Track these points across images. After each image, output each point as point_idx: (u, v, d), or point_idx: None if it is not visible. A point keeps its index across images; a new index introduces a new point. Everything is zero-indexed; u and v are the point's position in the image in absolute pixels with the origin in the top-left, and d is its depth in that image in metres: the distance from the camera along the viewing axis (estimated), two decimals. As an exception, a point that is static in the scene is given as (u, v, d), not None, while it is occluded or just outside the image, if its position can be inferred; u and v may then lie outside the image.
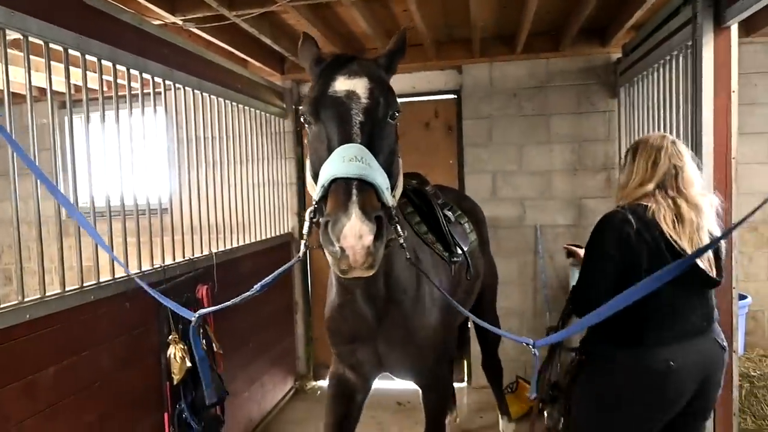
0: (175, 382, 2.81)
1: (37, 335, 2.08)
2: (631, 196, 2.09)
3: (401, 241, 1.71)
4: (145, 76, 2.89)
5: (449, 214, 2.82)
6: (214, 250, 3.47)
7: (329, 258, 1.39)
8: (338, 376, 2.45)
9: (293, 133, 4.99)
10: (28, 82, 2.18)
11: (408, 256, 1.82)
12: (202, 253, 3.42)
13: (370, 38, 4.05)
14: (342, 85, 1.66)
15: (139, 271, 2.78)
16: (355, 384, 2.44)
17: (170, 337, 2.79)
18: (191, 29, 3.55)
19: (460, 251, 2.65)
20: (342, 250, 1.33)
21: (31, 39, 2.16)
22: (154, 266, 2.91)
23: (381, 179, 1.49)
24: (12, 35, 2.09)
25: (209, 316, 3.13)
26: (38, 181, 2.20)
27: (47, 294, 2.18)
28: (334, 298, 2.22)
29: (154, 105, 3.02)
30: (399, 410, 4.40)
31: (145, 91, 2.95)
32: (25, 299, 2.08)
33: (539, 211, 4.60)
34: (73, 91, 2.55)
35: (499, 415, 3.89)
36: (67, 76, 2.38)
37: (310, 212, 1.60)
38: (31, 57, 2.19)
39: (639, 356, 1.98)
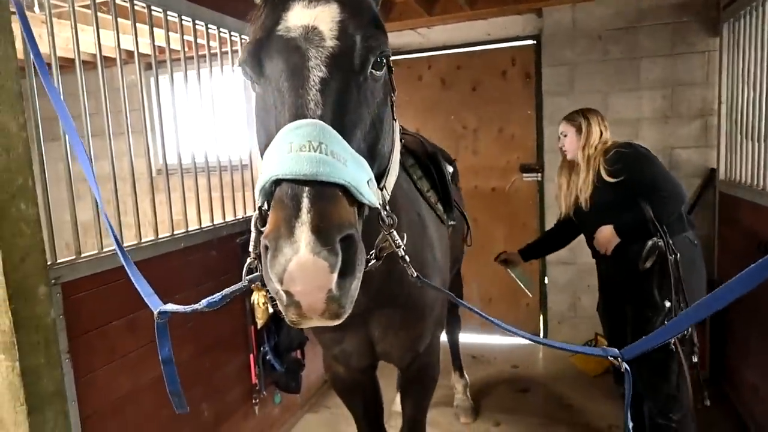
0: (258, 327, 3.00)
1: (135, 279, 2.28)
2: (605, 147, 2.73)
3: (401, 252, 1.20)
4: (223, 31, 2.97)
5: (450, 170, 2.58)
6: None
7: (276, 299, 0.94)
8: (332, 369, 2.18)
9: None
10: (117, 42, 2.32)
11: (414, 275, 1.26)
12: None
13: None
14: (298, 17, 1.10)
15: (223, 221, 2.95)
16: (348, 373, 2.14)
17: (253, 285, 2.96)
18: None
19: (458, 213, 2.39)
20: (288, 294, 0.88)
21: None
22: (237, 217, 3.08)
23: (355, 171, 0.99)
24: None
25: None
26: (130, 140, 2.38)
27: (142, 240, 2.37)
28: None
29: (232, 62, 3.11)
30: (473, 363, 4.45)
31: (223, 49, 3.05)
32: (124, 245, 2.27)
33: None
34: (157, 53, 2.68)
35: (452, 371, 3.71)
36: (152, 34, 2.50)
37: (256, 220, 1.10)
38: (118, 20, 2.32)
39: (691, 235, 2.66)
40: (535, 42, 4.51)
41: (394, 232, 1.19)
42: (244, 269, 1.20)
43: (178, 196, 2.69)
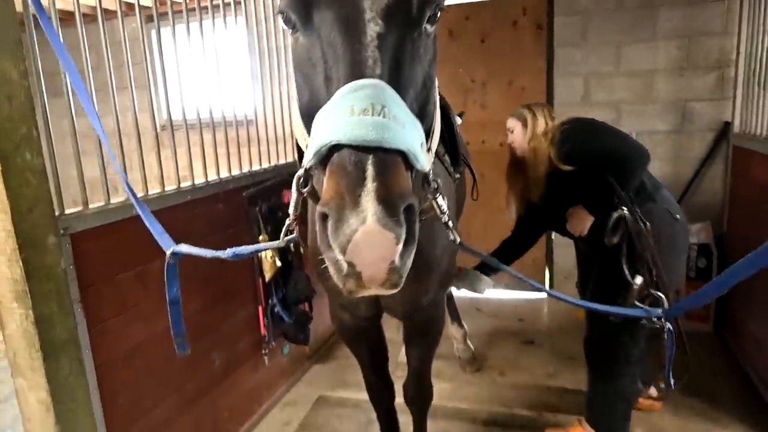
0: (267, 280, 3.06)
1: (144, 229, 2.32)
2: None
3: (445, 219, 1.15)
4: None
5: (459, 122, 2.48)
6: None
7: (329, 267, 0.89)
8: (338, 317, 2.19)
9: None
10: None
11: (454, 238, 1.24)
12: (287, 161, 3.57)
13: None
14: None
15: (229, 175, 2.96)
16: (354, 321, 2.14)
17: (260, 237, 3.01)
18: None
19: (465, 165, 2.31)
20: (350, 264, 0.85)
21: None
22: (243, 172, 3.09)
23: (413, 136, 0.95)
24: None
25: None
26: (134, 95, 2.38)
27: (149, 193, 2.40)
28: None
29: (235, 14, 3.06)
30: (478, 315, 4.52)
31: (226, 1, 2.99)
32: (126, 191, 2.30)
33: (637, 116, 4.24)
34: (158, 5, 2.64)
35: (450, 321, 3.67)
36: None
37: (299, 180, 1.03)
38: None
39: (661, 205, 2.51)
40: (547, -11, 4.35)
41: (439, 197, 1.12)
42: (284, 229, 1.16)
43: (183, 152, 2.70)
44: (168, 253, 1.42)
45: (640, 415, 2.96)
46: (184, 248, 1.42)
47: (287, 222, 1.15)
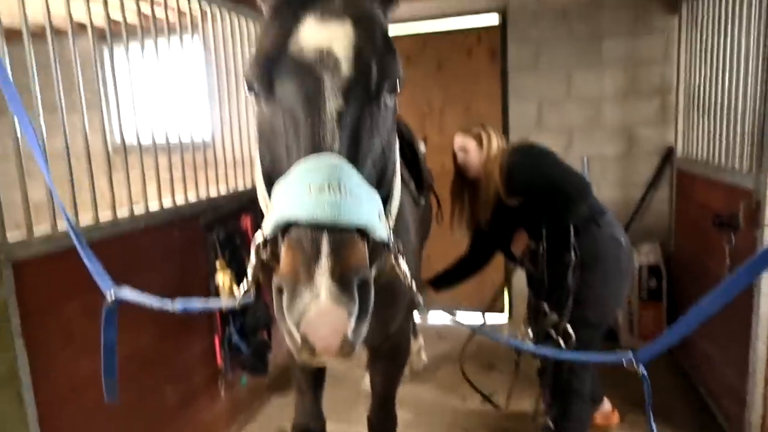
0: (223, 308, 2.95)
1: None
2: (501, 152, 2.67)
3: (408, 281, 1.15)
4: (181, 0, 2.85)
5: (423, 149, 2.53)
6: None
7: (285, 337, 0.93)
8: None
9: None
10: (68, 11, 2.19)
11: (417, 302, 1.23)
12: (245, 185, 3.49)
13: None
14: (311, 35, 1.04)
15: (185, 202, 2.86)
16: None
17: (217, 263, 2.91)
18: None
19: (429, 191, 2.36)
20: (304, 337, 0.89)
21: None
22: (200, 198, 2.99)
23: (370, 209, 0.97)
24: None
25: (251, 241, 3.23)
26: (85, 116, 2.27)
27: (101, 221, 2.28)
28: None
29: (192, 33, 3.00)
30: (439, 341, 4.51)
31: (181, 19, 2.93)
32: (79, 225, 2.18)
33: (587, 141, 4.41)
34: (110, 23, 2.56)
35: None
36: (105, 4, 2.38)
37: (257, 247, 1.05)
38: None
39: (605, 229, 2.53)
40: (500, 18, 4.51)
41: (402, 262, 1.12)
42: (240, 291, 1.14)
43: (137, 175, 2.59)
44: (109, 297, 1.33)
45: (598, 434, 3.00)
46: (127, 294, 1.35)
47: (243, 285, 1.13)
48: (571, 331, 2.41)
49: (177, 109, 2.87)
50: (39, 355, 1.92)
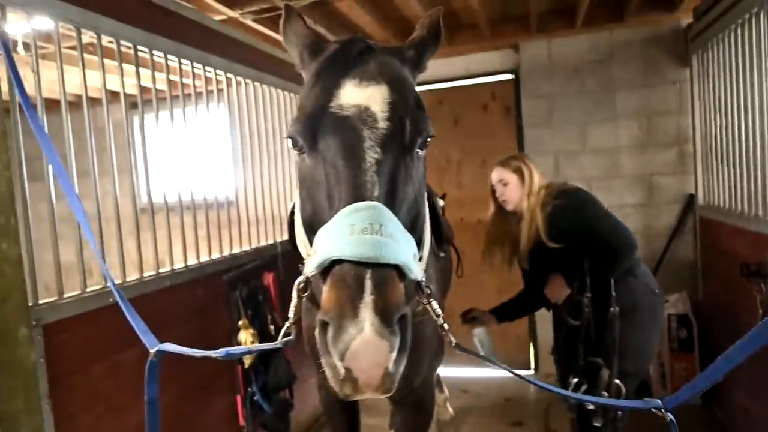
0: (246, 366, 2.94)
1: (119, 318, 2.22)
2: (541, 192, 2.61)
3: (441, 321, 1.18)
4: (208, 70, 3.01)
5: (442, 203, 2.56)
6: (278, 240, 3.58)
7: (327, 371, 0.97)
8: (326, 388, 2.22)
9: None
10: (103, 83, 2.33)
11: (453, 343, 1.20)
12: (267, 242, 3.55)
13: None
14: (351, 96, 1.14)
15: (209, 259, 2.91)
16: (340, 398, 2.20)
17: (240, 323, 2.92)
18: (248, 22, 3.67)
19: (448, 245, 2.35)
20: (348, 370, 0.92)
21: (103, 37, 2.30)
22: (223, 255, 3.04)
23: (406, 250, 1.04)
24: (87, 34, 2.24)
25: (275, 300, 3.24)
26: (116, 179, 2.37)
27: (127, 280, 2.33)
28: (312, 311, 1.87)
29: (218, 100, 3.15)
30: (464, 396, 4.38)
31: (208, 88, 3.09)
32: (107, 284, 2.23)
33: (606, 191, 4.40)
34: (142, 92, 2.70)
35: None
36: (138, 74, 2.53)
37: (300, 285, 1.13)
38: (104, 60, 2.34)
39: (642, 279, 2.53)
40: (513, 76, 4.64)
41: (433, 302, 1.17)
42: (282, 332, 1.18)
43: (163, 235, 2.67)
44: (152, 351, 1.39)
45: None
46: (170, 347, 1.39)
47: (286, 324, 1.17)
48: (621, 385, 2.36)
49: (202, 170, 2.97)
50: (65, 417, 1.93)
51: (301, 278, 1.12)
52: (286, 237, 3.72)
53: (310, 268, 1.05)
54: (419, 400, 2.11)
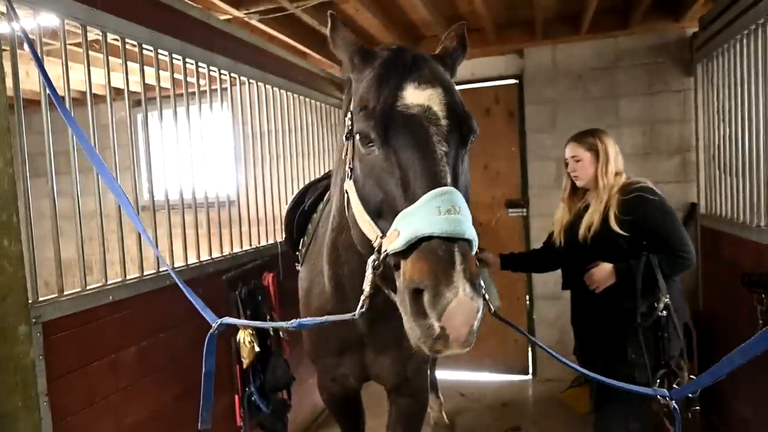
0: (244, 366, 2.93)
1: (119, 316, 2.23)
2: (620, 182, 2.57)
3: (486, 296, 1.24)
4: (213, 69, 3.01)
5: None
6: (279, 240, 3.58)
7: (415, 331, 1.12)
8: (328, 389, 2.40)
9: (353, 125, 5.04)
10: (107, 81, 2.33)
11: (493, 310, 1.37)
12: (267, 242, 3.54)
13: (430, 25, 4.01)
14: (414, 97, 1.29)
15: (209, 258, 2.91)
16: (343, 392, 2.37)
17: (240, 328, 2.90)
18: (253, 22, 3.67)
19: None
20: (443, 329, 1.07)
21: (108, 35, 2.30)
22: (223, 254, 3.04)
23: (473, 229, 1.19)
24: (92, 31, 2.24)
25: (274, 300, 3.23)
26: (117, 177, 2.37)
27: (127, 278, 2.33)
28: (322, 305, 2.02)
29: (221, 100, 3.14)
30: (462, 400, 4.38)
31: (212, 87, 3.08)
32: (108, 282, 2.23)
33: (608, 197, 4.40)
34: (146, 90, 2.70)
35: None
36: (142, 72, 2.52)
37: (375, 262, 1.26)
38: (109, 58, 2.34)
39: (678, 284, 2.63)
40: (517, 81, 4.64)
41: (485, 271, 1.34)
42: (361, 303, 1.30)
43: (164, 233, 2.66)
44: (214, 324, 1.58)
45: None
46: (231, 320, 1.61)
47: (363, 297, 1.30)
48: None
49: (204, 169, 2.97)
50: (62, 414, 1.92)
51: (374, 257, 1.26)
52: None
53: (397, 245, 1.17)
54: (413, 388, 2.26)
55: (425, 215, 1.14)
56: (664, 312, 2.45)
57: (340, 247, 1.81)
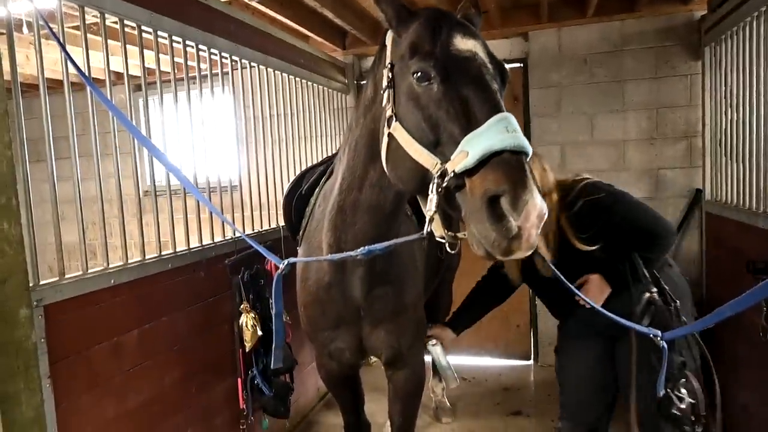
0: (247, 350, 2.95)
1: (121, 299, 2.24)
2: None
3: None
4: (213, 52, 2.98)
5: None
6: (281, 224, 3.57)
7: (490, 236, 1.21)
8: (325, 366, 2.48)
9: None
10: (106, 64, 2.31)
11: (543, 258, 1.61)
12: (270, 226, 3.54)
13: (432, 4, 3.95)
14: (464, 44, 1.46)
15: (211, 242, 2.91)
16: (340, 369, 2.44)
17: (242, 306, 2.92)
18: (254, 4, 3.62)
19: None
20: (519, 228, 1.18)
21: (107, 17, 2.28)
22: (225, 238, 3.04)
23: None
24: (90, 13, 2.21)
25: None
26: (118, 161, 2.37)
27: (129, 261, 2.33)
28: (320, 278, 2.11)
29: (222, 84, 3.12)
30: (464, 385, 4.40)
31: (213, 71, 3.06)
32: (110, 266, 2.24)
33: (612, 183, 4.36)
34: (146, 74, 2.68)
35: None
36: (141, 56, 2.50)
37: (440, 179, 1.35)
38: (108, 41, 2.32)
39: (675, 268, 2.57)
40: (522, 65, 4.58)
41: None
42: (427, 219, 1.42)
43: (165, 217, 2.66)
44: (281, 265, 1.77)
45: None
46: (298, 258, 1.96)
47: (429, 215, 1.41)
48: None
49: (206, 153, 2.96)
50: (65, 397, 1.94)
51: (438, 180, 1.35)
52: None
53: (468, 163, 1.27)
54: (409, 364, 2.37)
55: (495, 134, 1.27)
56: (653, 306, 2.23)
57: (347, 209, 1.89)
